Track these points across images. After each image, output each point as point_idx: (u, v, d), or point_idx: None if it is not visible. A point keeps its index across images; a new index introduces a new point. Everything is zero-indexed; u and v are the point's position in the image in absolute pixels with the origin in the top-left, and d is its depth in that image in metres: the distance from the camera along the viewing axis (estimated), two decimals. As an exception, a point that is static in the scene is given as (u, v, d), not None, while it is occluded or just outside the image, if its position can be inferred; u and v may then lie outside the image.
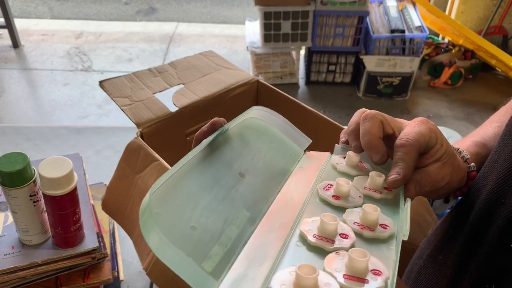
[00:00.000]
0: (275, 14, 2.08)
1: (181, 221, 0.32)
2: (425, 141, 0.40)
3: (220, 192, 0.37)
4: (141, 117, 0.82)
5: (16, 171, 0.65)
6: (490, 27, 2.57)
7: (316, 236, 0.33)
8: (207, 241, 0.32)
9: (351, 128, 0.43)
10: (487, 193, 0.41)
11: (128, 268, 1.09)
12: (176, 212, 0.32)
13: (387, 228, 0.35)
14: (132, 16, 3.14)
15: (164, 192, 0.32)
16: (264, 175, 0.43)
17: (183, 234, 0.31)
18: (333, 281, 0.29)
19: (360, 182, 0.42)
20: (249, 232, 0.35)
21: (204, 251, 0.31)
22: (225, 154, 0.41)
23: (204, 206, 0.34)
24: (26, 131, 1.84)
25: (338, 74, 2.32)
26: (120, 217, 0.77)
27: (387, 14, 2.20)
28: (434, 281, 0.46)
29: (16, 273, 0.70)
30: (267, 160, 0.44)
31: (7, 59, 2.47)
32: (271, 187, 0.42)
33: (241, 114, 0.44)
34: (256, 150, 0.44)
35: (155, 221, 0.28)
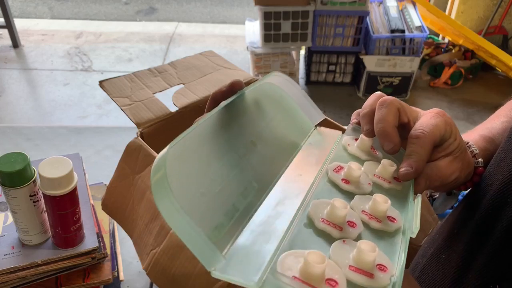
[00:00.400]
0: (275, 14, 2.08)
1: (192, 186, 0.30)
2: (441, 135, 0.39)
3: (232, 159, 0.35)
4: (141, 117, 0.82)
5: (16, 171, 0.65)
6: (490, 27, 2.57)
7: (325, 220, 0.32)
8: (215, 210, 0.30)
9: (365, 111, 0.41)
10: (493, 193, 0.41)
11: (128, 268, 1.09)
12: (189, 175, 0.31)
13: (395, 221, 0.34)
14: (132, 16, 3.14)
15: (179, 152, 0.30)
16: (274, 146, 0.41)
17: (194, 200, 0.29)
18: (339, 272, 0.28)
19: (370, 168, 0.41)
20: (256, 205, 0.34)
21: (211, 220, 0.29)
22: (240, 119, 0.39)
23: (215, 172, 0.33)
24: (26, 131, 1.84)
25: (338, 74, 2.32)
26: (120, 217, 0.77)
27: (387, 14, 2.20)
28: (438, 280, 0.45)
29: (16, 273, 0.70)
30: (279, 131, 0.43)
31: (7, 59, 2.47)
32: (280, 160, 0.40)
33: (260, 79, 0.43)
34: (269, 118, 0.43)
35: (169, 183, 0.27)
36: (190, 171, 0.31)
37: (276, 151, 0.41)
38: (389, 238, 0.33)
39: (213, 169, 0.33)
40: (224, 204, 0.31)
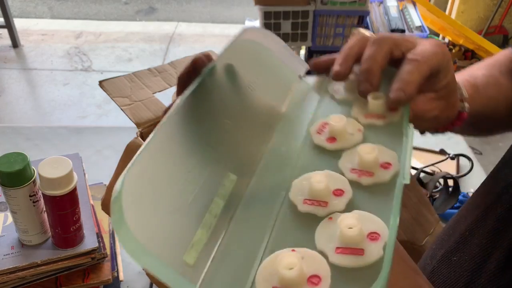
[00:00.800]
0: (275, 14, 2.07)
1: (158, 210, 0.26)
2: (438, 64, 0.36)
3: (204, 155, 0.31)
4: (141, 117, 0.82)
5: (15, 171, 0.64)
6: (490, 27, 2.57)
7: (307, 201, 0.29)
8: (189, 226, 0.27)
9: (352, 51, 0.38)
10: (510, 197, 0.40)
11: (128, 268, 1.09)
12: (152, 199, 0.26)
13: (389, 167, 0.30)
14: (132, 16, 3.13)
15: (137, 174, 0.26)
16: (254, 120, 0.36)
17: (161, 227, 0.26)
18: (323, 263, 0.25)
19: (360, 109, 0.36)
20: (236, 202, 0.30)
21: (186, 239, 0.26)
22: (210, 102, 0.33)
23: (185, 180, 0.28)
24: (25, 131, 1.84)
25: (338, 74, 2.32)
26: (120, 217, 0.77)
27: (387, 14, 2.20)
28: (449, 283, 0.44)
29: (16, 273, 0.70)
30: (259, 99, 0.38)
31: (7, 59, 2.47)
32: (262, 136, 0.35)
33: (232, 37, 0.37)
34: (247, 86, 0.37)
35: (126, 221, 0.24)
36: (153, 193, 0.27)
37: (257, 125, 0.36)
38: (385, 190, 0.29)
39: (182, 178, 0.28)
40: (199, 215, 0.27)
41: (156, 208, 0.26)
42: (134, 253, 0.23)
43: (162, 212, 0.26)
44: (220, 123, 0.33)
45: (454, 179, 0.93)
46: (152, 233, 0.24)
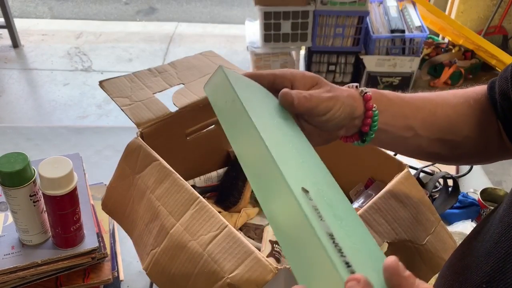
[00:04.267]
0: (275, 14, 2.07)
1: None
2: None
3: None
4: (141, 117, 0.82)
5: (16, 171, 0.65)
6: (490, 27, 2.57)
7: None
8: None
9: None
10: None
11: (128, 268, 1.09)
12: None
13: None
14: (132, 16, 3.14)
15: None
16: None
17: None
18: None
19: None
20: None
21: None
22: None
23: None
24: (26, 131, 1.83)
25: (338, 74, 2.32)
26: (120, 217, 0.77)
27: (387, 14, 2.20)
28: None
29: (16, 273, 0.70)
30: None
31: (7, 59, 2.47)
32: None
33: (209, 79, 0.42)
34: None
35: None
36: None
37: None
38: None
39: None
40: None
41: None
42: None
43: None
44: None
45: (453, 179, 0.93)
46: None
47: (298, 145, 0.40)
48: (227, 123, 0.38)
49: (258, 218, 0.99)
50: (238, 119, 0.36)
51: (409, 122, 0.49)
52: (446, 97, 0.53)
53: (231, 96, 0.38)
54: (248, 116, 0.35)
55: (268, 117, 0.39)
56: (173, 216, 0.64)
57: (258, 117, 0.36)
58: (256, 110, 0.37)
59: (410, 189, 0.65)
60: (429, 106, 0.51)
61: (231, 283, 0.54)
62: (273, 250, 0.82)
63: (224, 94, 0.39)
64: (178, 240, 0.61)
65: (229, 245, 0.57)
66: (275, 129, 0.38)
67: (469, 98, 0.53)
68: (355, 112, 0.46)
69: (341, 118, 0.45)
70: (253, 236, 0.95)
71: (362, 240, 0.34)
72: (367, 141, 0.48)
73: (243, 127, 0.36)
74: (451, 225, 1.05)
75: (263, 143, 0.33)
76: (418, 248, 0.61)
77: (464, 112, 0.52)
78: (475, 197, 1.13)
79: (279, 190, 0.31)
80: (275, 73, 0.45)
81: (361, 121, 0.47)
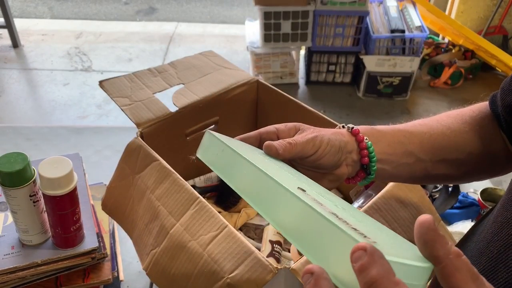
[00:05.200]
0: (275, 14, 2.07)
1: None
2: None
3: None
4: (141, 117, 0.82)
5: (16, 171, 0.65)
6: (490, 27, 2.57)
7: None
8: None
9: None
10: None
11: (128, 268, 1.09)
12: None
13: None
14: (132, 16, 3.14)
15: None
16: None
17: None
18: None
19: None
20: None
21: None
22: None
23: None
24: (26, 131, 1.84)
25: (338, 74, 2.32)
26: (120, 217, 0.77)
27: (387, 14, 2.20)
28: None
29: (16, 273, 0.70)
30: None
31: (7, 59, 2.47)
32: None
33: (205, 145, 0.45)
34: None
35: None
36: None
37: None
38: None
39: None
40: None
41: None
42: None
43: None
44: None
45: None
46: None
47: (292, 171, 0.43)
48: (221, 170, 0.41)
49: (258, 218, 0.99)
50: (229, 161, 0.40)
51: (407, 148, 0.50)
52: (439, 119, 0.54)
53: (220, 147, 0.42)
54: (238, 154, 0.39)
55: (260, 156, 0.42)
56: (173, 216, 0.64)
57: (247, 154, 0.39)
58: (245, 152, 0.40)
59: (410, 189, 0.65)
60: (423, 129, 0.51)
61: (231, 283, 0.54)
62: (273, 250, 0.82)
63: (214, 149, 0.43)
64: (178, 240, 0.61)
65: (229, 245, 0.57)
66: (267, 161, 0.41)
67: (464, 115, 0.54)
68: (347, 146, 0.47)
69: (332, 153, 0.46)
70: (253, 236, 0.95)
71: (368, 221, 0.35)
72: (372, 174, 0.48)
73: (235, 165, 0.38)
74: (451, 225, 1.06)
75: (254, 166, 0.36)
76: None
77: (461, 129, 0.52)
78: (475, 197, 1.13)
79: (278, 196, 0.32)
80: (260, 131, 0.48)
81: (358, 153, 0.47)
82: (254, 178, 0.35)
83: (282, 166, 0.42)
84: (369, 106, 2.20)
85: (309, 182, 0.42)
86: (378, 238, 0.28)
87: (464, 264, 0.25)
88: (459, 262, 0.25)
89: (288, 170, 0.42)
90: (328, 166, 0.46)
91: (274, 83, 2.24)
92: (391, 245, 0.29)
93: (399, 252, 0.26)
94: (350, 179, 0.50)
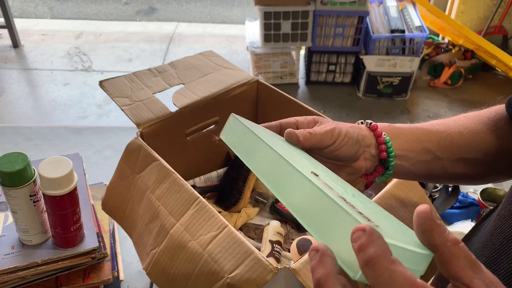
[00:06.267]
0: (275, 14, 2.07)
1: None
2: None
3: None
4: (141, 117, 0.82)
5: (16, 171, 0.65)
6: (490, 27, 2.57)
7: None
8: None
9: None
10: None
11: (128, 268, 1.09)
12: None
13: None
14: (132, 16, 3.14)
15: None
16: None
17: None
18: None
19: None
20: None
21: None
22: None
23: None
24: (26, 131, 1.84)
25: (338, 74, 2.32)
26: (120, 217, 0.77)
27: (387, 14, 2.20)
28: None
29: (16, 273, 0.70)
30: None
31: (7, 59, 2.47)
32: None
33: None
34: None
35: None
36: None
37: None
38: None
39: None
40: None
41: None
42: None
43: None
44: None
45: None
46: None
47: (309, 158, 0.44)
48: (241, 151, 0.43)
49: (258, 218, 0.99)
50: (250, 144, 0.42)
51: (425, 145, 0.50)
52: (457, 119, 0.55)
53: (242, 130, 0.44)
54: (258, 137, 0.41)
55: (279, 142, 0.43)
56: (173, 216, 0.64)
57: (267, 139, 0.41)
58: (266, 136, 0.42)
59: (410, 189, 0.65)
60: (440, 128, 0.52)
61: (231, 283, 0.54)
62: (273, 250, 0.82)
63: (236, 132, 0.45)
64: (178, 240, 0.61)
65: (229, 245, 0.57)
66: (286, 146, 0.43)
67: (482, 116, 0.54)
68: (364, 139, 0.48)
69: (349, 145, 0.47)
70: (253, 236, 0.95)
71: (377, 209, 0.37)
72: (390, 169, 0.49)
73: (255, 147, 0.41)
74: (451, 225, 1.06)
75: (272, 150, 0.38)
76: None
77: (478, 129, 0.52)
78: (475, 197, 1.13)
79: (292, 178, 0.34)
80: (281, 122, 0.50)
81: (376, 148, 0.48)
82: (271, 160, 0.37)
83: (300, 153, 0.44)
84: (369, 106, 2.20)
85: (323, 169, 0.43)
86: (382, 223, 0.30)
87: (462, 251, 0.26)
88: (457, 249, 0.26)
89: (305, 156, 0.44)
90: (345, 157, 0.47)
91: (274, 83, 2.24)
92: (395, 230, 0.30)
93: (401, 238, 0.27)
94: (369, 175, 0.51)
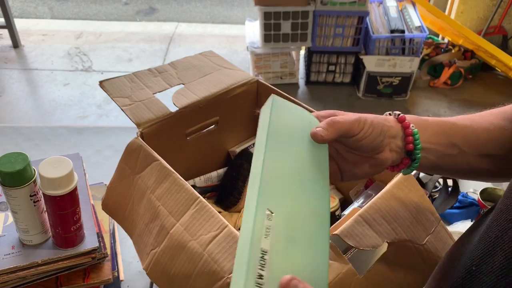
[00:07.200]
0: (275, 14, 2.08)
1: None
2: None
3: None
4: (141, 117, 0.82)
5: (16, 171, 0.65)
6: (490, 27, 2.57)
7: None
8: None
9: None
10: None
11: (128, 268, 1.09)
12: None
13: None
14: (132, 16, 3.14)
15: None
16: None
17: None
18: None
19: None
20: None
21: None
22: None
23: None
24: (26, 131, 1.84)
25: (338, 74, 2.32)
26: (120, 217, 0.77)
27: (387, 14, 2.20)
28: None
29: (16, 273, 0.70)
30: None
31: (7, 59, 2.47)
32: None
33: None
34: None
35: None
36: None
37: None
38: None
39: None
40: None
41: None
42: None
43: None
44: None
45: (453, 179, 0.93)
46: None
47: (306, 173, 0.44)
48: (258, 138, 0.45)
49: (258, 218, 0.99)
50: (261, 138, 0.44)
51: (451, 139, 0.50)
52: (483, 114, 0.54)
53: (266, 119, 0.45)
54: (266, 140, 0.42)
55: (289, 144, 0.45)
56: (173, 216, 0.64)
57: (275, 140, 0.43)
58: (279, 133, 0.44)
59: (410, 189, 0.65)
60: (466, 123, 0.52)
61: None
62: (273, 250, 0.82)
63: (264, 117, 0.47)
64: (178, 240, 0.61)
65: (229, 245, 0.57)
66: (287, 155, 0.44)
67: (507, 113, 0.53)
68: (390, 130, 0.48)
69: (373, 135, 0.47)
70: (253, 236, 0.95)
71: (308, 263, 0.38)
72: (417, 161, 0.49)
73: (260, 146, 0.43)
74: (451, 225, 1.06)
75: (262, 161, 0.40)
76: (418, 248, 0.61)
77: (503, 126, 0.52)
78: (475, 197, 1.13)
79: (252, 205, 0.37)
80: (319, 114, 0.52)
81: (403, 140, 0.48)
82: (257, 171, 0.40)
83: (306, 160, 0.44)
84: (369, 106, 2.20)
85: (309, 195, 0.42)
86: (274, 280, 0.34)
87: None
88: None
89: (307, 167, 0.44)
90: (369, 148, 0.47)
91: (274, 83, 2.24)
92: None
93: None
94: (395, 167, 0.51)
